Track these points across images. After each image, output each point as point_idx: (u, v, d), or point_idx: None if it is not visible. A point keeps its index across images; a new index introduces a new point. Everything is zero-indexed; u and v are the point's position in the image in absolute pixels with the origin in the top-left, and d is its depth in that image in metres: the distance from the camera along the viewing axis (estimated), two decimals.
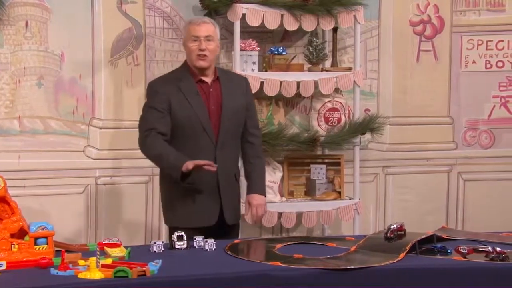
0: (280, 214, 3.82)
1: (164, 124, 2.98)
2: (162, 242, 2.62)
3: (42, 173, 3.79)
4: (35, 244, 2.43)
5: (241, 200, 3.27)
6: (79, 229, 3.88)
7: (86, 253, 2.49)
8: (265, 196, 3.14)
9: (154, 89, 3.05)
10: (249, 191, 3.12)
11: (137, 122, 3.95)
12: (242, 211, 3.29)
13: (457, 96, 4.29)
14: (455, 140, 4.32)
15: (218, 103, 3.02)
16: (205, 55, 2.99)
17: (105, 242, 2.58)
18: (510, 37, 4.27)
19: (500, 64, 4.30)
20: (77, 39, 3.80)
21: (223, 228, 3.03)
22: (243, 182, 3.27)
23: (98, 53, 3.86)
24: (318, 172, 3.93)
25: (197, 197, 2.99)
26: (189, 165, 2.82)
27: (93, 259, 2.27)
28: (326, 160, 3.99)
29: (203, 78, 3.05)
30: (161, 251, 2.58)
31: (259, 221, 3.13)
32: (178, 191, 2.97)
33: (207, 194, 3.00)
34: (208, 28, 3.03)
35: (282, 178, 3.98)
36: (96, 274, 2.23)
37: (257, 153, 3.15)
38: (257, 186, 3.10)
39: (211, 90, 3.04)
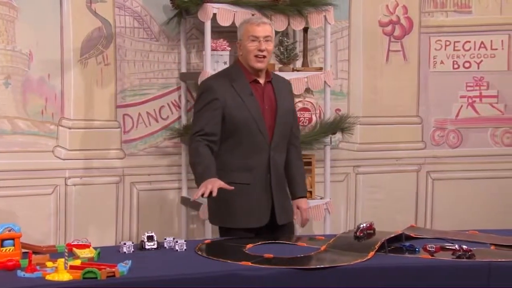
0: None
1: (213, 124, 2.91)
2: (132, 242, 2.60)
3: (10, 174, 3.74)
4: (2, 246, 2.39)
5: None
6: (49, 231, 3.84)
7: (55, 255, 2.47)
8: (305, 193, 3.16)
9: (207, 88, 2.99)
10: (296, 194, 3.11)
11: (107, 122, 3.98)
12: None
13: (425, 96, 4.35)
14: (423, 140, 4.38)
15: (272, 104, 3.00)
16: (264, 56, 2.96)
17: (74, 243, 2.55)
18: (476, 38, 4.35)
19: (467, 64, 4.37)
20: (45, 38, 3.76)
21: (274, 229, 3.01)
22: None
23: (67, 53, 3.82)
24: None
25: (250, 197, 2.97)
26: (200, 193, 2.75)
27: (61, 261, 2.25)
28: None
29: (257, 78, 3.02)
30: (131, 252, 2.56)
31: (306, 225, 3.12)
32: (231, 191, 2.86)
33: (259, 194, 2.98)
34: (268, 28, 2.98)
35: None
36: (64, 276, 2.21)
37: (299, 155, 3.16)
38: (302, 189, 3.12)
39: (264, 91, 3.02)
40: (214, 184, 2.76)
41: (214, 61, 3.77)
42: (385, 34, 4.29)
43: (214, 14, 3.71)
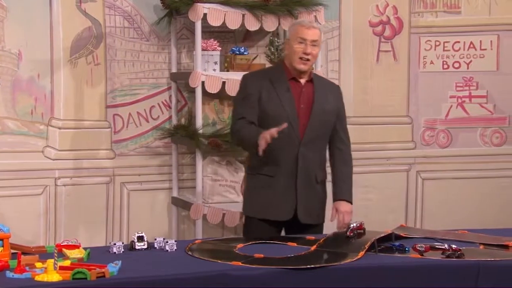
0: (242, 214, 3.81)
1: (252, 114, 3.02)
2: (122, 243, 2.60)
3: (0, 174, 3.71)
4: None
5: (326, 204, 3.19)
6: (38, 231, 3.83)
7: (44, 255, 2.45)
8: (352, 204, 3.14)
9: (246, 81, 3.10)
10: (336, 197, 3.13)
11: (97, 122, 3.97)
12: (327, 215, 3.20)
13: (415, 96, 4.37)
14: (414, 140, 4.40)
15: (309, 103, 3.05)
16: (308, 59, 3.01)
17: (63, 244, 2.54)
18: (466, 38, 4.37)
19: (456, 64, 4.39)
20: (35, 37, 3.74)
21: (300, 228, 3.03)
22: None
23: (57, 52, 3.81)
24: None
25: (274, 190, 3.03)
26: (263, 143, 2.85)
27: (50, 261, 2.24)
28: None
29: (298, 78, 3.07)
30: (121, 252, 2.56)
31: (345, 228, 3.12)
32: (257, 181, 3.05)
33: (284, 188, 3.03)
34: (316, 33, 3.04)
35: (245, 178, 3.99)
36: (54, 276, 2.20)
37: (344, 159, 3.16)
38: (343, 192, 3.12)
39: (303, 89, 3.07)
40: (268, 132, 2.83)
41: (204, 61, 3.77)
42: (375, 34, 4.30)
43: (205, 14, 3.71)
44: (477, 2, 4.35)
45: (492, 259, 2.49)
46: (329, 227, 3.11)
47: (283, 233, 3.13)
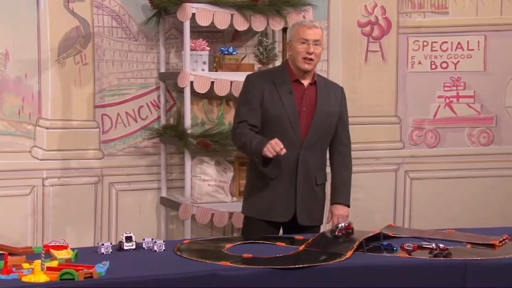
0: (231, 214, 3.83)
1: (254, 116, 3.02)
2: (110, 243, 2.59)
3: None
4: None
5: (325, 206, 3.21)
6: (26, 232, 3.81)
7: (31, 256, 2.44)
8: (349, 207, 3.14)
9: (250, 82, 3.10)
10: (332, 200, 3.14)
11: (85, 122, 3.96)
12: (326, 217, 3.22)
13: (403, 96, 4.38)
14: (402, 140, 4.41)
15: (312, 105, 3.05)
16: (311, 59, 3.01)
17: (51, 244, 2.53)
18: (453, 39, 4.39)
19: (444, 65, 4.41)
20: (22, 37, 3.72)
21: (298, 229, 3.03)
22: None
23: (45, 52, 3.79)
24: None
25: (275, 191, 3.04)
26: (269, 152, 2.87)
27: (37, 262, 2.23)
28: None
29: (301, 79, 3.07)
30: (109, 252, 2.55)
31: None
32: (258, 182, 3.06)
33: (284, 190, 3.04)
34: (318, 32, 3.03)
35: (233, 178, 3.99)
36: (41, 277, 2.18)
37: (344, 162, 3.16)
38: (339, 196, 3.12)
39: (306, 92, 3.06)
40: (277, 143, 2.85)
41: (193, 61, 3.77)
42: (364, 34, 4.31)
43: (193, 14, 3.70)
44: (464, 2, 4.37)
45: (479, 258, 2.50)
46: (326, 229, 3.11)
47: (281, 233, 3.14)
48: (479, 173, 4.44)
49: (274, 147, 2.86)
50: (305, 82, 3.08)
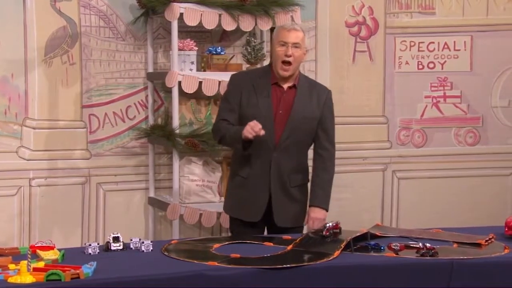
0: (219, 214, 3.83)
1: (232, 117, 3.08)
2: (97, 244, 2.58)
3: None
4: None
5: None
6: (12, 232, 3.79)
7: (17, 257, 2.43)
8: (327, 210, 3.13)
9: (231, 82, 3.16)
10: (311, 202, 3.14)
11: (73, 123, 3.94)
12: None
13: (391, 96, 4.40)
14: (389, 139, 4.43)
15: (288, 109, 3.05)
16: (289, 62, 3.01)
17: (37, 245, 2.52)
18: (440, 39, 4.41)
19: (431, 65, 4.44)
20: (8, 37, 3.70)
21: (277, 230, 3.05)
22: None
23: (31, 52, 3.77)
24: None
25: (246, 191, 3.08)
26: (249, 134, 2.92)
27: (24, 263, 2.21)
28: None
29: (281, 82, 3.08)
30: (96, 253, 2.54)
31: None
32: (233, 181, 3.13)
33: (256, 190, 3.07)
34: (298, 35, 3.04)
35: (221, 178, 3.99)
36: (27, 278, 2.17)
37: (324, 165, 3.13)
38: (317, 199, 3.11)
39: (284, 95, 3.07)
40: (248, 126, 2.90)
41: (181, 61, 3.76)
42: (352, 34, 4.33)
43: (181, 14, 3.70)
44: (451, 3, 4.40)
45: (465, 257, 2.52)
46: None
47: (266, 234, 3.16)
48: (465, 172, 4.47)
49: (253, 127, 2.90)
50: (285, 86, 3.09)
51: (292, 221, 3.11)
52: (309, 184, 3.18)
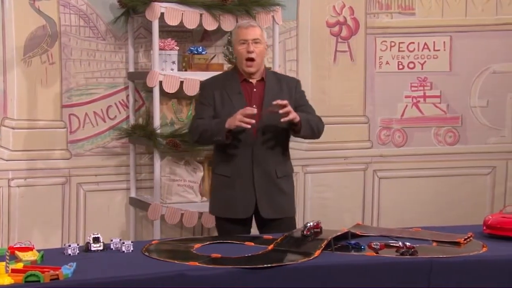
0: (200, 214, 3.82)
1: (209, 115, 3.11)
2: (77, 244, 2.56)
3: None
4: None
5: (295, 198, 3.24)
6: None
7: None
8: (299, 119, 3.03)
9: (202, 88, 3.22)
10: None
11: (52, 122, 3.91)
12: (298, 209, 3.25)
13: (372, 96, 4.42)
14: (370, 139, 4.45)
15: (260, 102, 3.09)
16: (252, 58, 3.05)
17: (16, 246, 2.49)
18: (420, 39, 4.44)
19: (411, 65, 4.47)
20: None
21: (266, 223, 3.10)
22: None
23: (10, 51, 3.73)
24: None
25: (231, 189, 3.10)
26: (231, 125, 2.98)
27: (1, 264, 2.20)
28: None
29: (249, 78, 3.13)
30: (76, 254, 2.52)
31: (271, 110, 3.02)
32: (218, 181, 3.16)
33: (242, 187, 3.09)
34: (256, 31, 3.10)
35: (203, 178, 3.99)
36: (5, 280, 2.15)
37: (313, 114, 3.16)
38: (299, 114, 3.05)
39: (254, 90, 3.12)
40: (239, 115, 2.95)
41: (162, 60, 3.75)
42: (333, 34, 4.34)
43: (162, 13, 3.69)
44: (430, 3, 4.43)
45: (444, 256, 2.54)
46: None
47: (254, 231, 3.17)
48: (445, 172, 4.50)
49: (243, 112, 2.95)
50: (253, 81, 3.14)
51: (280, 212, 3.14)
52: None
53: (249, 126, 2.98)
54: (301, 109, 3.14)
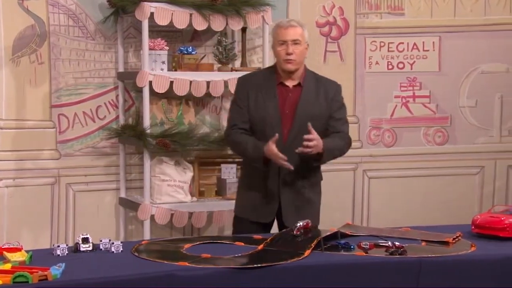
0: (190, 214, 3.82)
1: (242, 121, 3.09)
2: (66, 245, 2.55)
3: None
4: None
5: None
6: None
7: None
8: (323, 152, 3.02)
9: (238, 85, 3.17)
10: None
11: (41, 122, 3.89)
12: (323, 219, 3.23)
13: (361, 96, 4.44)
14: (360, 139, 4.47)
15: (293, 108, 3.04)
16: (292, 60, 3.00)
17: (4, 247, 2.48)
18: (409, 40, 4.46)
19: (401, 65, 4.48)
20: None
21: (284, 228, 3.03)
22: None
23: None
24: (229, 172, 3.96)
25: (257, 192, 3.08)
26: (269, 154, 2.97)
27: None
28: (237, 160, 4.01)
29: (286, 81, 3.08)
30: (65, 254, 2.51)
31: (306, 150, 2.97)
32: (245, 182, 3.17)
33: (267, 191, 3.08)
34: (296, 31, 3.02)
35: (193, 178, 3.98)
36: None
37: (340, 135, 3.12)
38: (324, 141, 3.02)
39: (290, 94, 3.06)
40: (277, 157, 2.94)
41: (152, 60, 3.74)
42: (322, 34, 4.35)
43: (152, 13, 3.68)
44: (419, 4, 4.45)
45: (433, 255, 2.55)
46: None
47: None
48: (434, 171, 4.52)
49: (276, 156, 2.94)
50: (290, 84, 3.08)
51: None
52: (322, 183, 3.20)
53: (292, 168, 2.96)
54: (333, 126, 3.11)
